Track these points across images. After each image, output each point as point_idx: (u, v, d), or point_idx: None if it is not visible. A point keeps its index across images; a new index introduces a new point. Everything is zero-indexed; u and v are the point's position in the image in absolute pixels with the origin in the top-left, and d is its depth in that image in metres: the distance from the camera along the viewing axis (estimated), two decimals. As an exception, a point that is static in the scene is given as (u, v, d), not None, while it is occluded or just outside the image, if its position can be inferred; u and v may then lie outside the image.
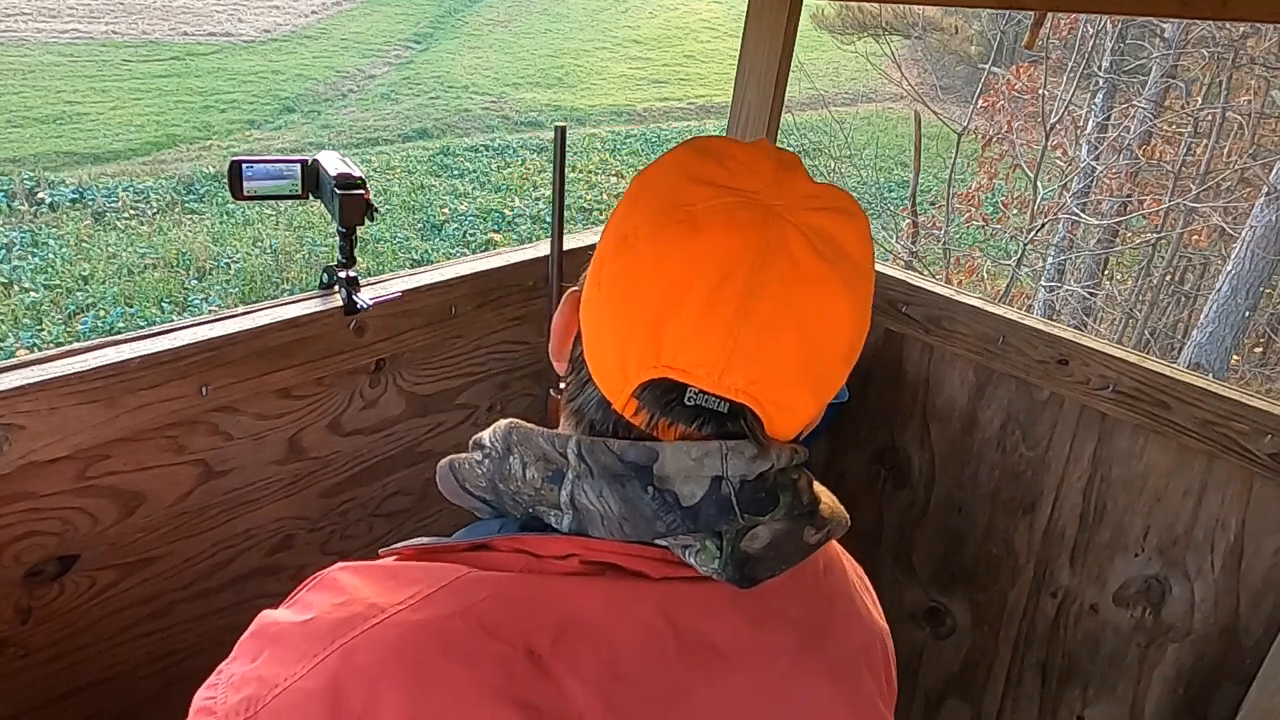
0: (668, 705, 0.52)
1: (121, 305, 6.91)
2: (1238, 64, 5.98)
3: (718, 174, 0.54)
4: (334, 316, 1.14)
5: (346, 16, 15.14)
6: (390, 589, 0.52)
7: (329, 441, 1.22)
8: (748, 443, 0.53)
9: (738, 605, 0.56)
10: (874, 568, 1.66)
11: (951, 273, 7.07)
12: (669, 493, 0.52)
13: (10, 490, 0.93)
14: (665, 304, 0.51)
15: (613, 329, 0.53)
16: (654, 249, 0.52)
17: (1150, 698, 1.32)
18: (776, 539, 0.54)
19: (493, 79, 13.40)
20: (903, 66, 8.94)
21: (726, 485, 0.52)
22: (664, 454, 0.52)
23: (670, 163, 0.57)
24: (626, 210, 0.56)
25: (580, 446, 0.53)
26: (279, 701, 0.48)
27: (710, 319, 0.50)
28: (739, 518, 0.52)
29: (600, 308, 0.55)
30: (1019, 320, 1.34)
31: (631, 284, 0.52)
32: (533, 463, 0.55)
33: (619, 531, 0.53)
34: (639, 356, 0.52)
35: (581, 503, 0.53)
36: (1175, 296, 7.31)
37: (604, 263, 0.55)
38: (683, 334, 0.51)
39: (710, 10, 17.66)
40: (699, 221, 0.51)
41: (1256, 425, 1.13)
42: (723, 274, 0.50)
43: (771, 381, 0.52)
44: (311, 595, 0.54)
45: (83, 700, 1.07)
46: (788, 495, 0.55)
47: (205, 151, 9.80)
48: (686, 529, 0.52)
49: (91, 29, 12.36)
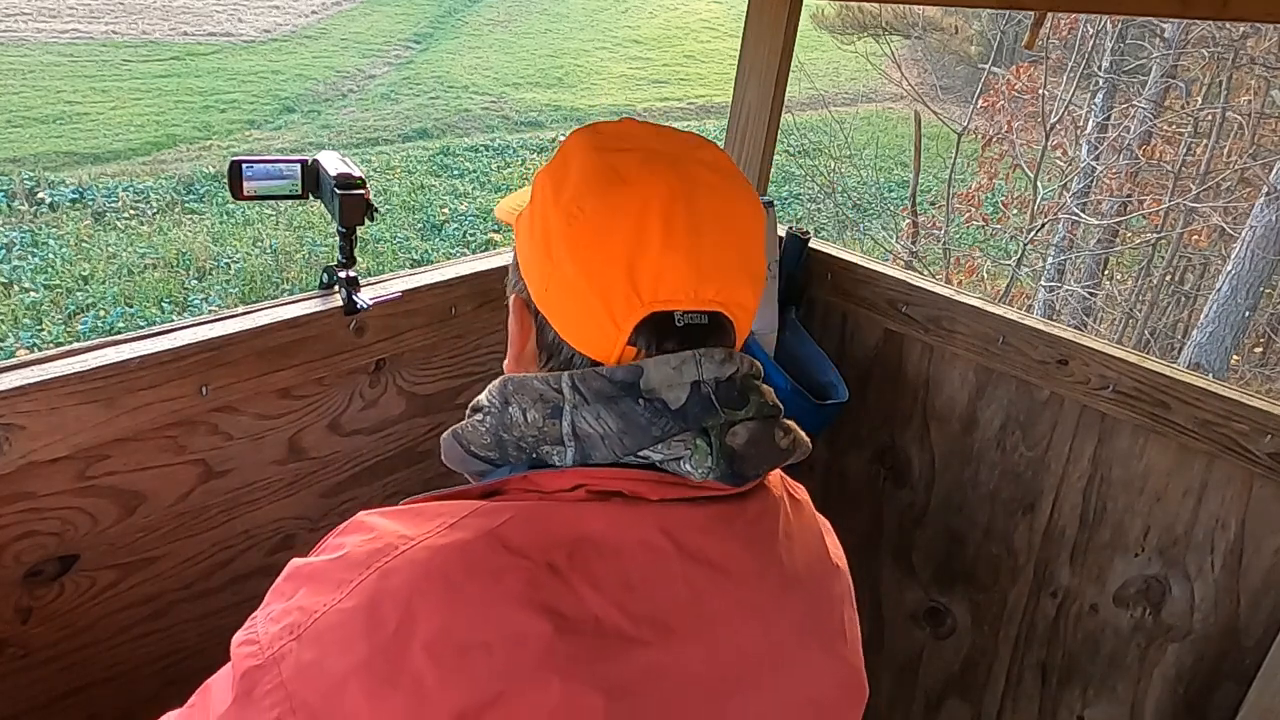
0: (675, 607, 0.57)
1: (121, 305, 6.90)
2: (1238, 64, 5.98)
3: (619, 142, 0.62)
4: (334, 316, 1.14)
5: (346, 16, 15.13)
6: (417, 523, 0.56)
7: (329, 441, 1.22)
8: (716, 349, 0.60)
9: (731, 527, 0.61)
10: (874, 568, 1.66)
11: (951, 273, 7.07)
12: (658, 400, 0.58)
13: (10, 490, 0.93)
14: (631, 249, 0.58)
15: (590, 291, 0.59)
16: (602, 206, 0.59)
17: (1150, 698, 1.32)
18: (754, 436, 0.61)
19: (493, 79, 13.40)
20: (903, 66, 8.94)
21: (705, 386, 0.59)
22: (648, 369, 0.58)
23: (574, 149, 0.63)
24: (553, 195, 0.61)
25: (573, 379, 0.59)
26: (320, 623, 0.52)
27: (673, 247, 0.58)
28: (720, 412, 0.59)
29: (568, 281, 0.59)
30: (1019, 320, 1.34)
31: (594, 244, 0.58)
32: (531, 405, 0.60)
33: (619, 446, 0.58)
34: (625, 305, 0.58)
35: (582, 429, 0.58)
36: (1175, 296, 7.31)
37: (552, 246, 0.60)
38: (656, 269, 0.58)
39: (710, 10, 17.65)
40: (628, 175, 0.59)
41: (1256, 425, 1.13)
42: (666, 207, 0.58)
43: (730, 284, 0.61)
44: (341, 538, 0.58)
45: (83, 700, 1.07)
46: (756, 396, 0.62)
47: (205, 151, 9.80)
48: (679, 428, 0.58)
49: (91, 29, 12.35)
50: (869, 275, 1.51)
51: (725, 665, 0.58)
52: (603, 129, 0.65)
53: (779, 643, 0.62)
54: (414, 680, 0.50)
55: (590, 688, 0.52)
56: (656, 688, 0.55)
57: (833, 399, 1.46)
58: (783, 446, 0.63)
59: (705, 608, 0.58)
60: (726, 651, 0.59)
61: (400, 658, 0.50)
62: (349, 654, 0.51)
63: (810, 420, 1.48)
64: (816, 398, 1.45)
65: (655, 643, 0.55)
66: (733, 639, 0.59)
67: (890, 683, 1.70)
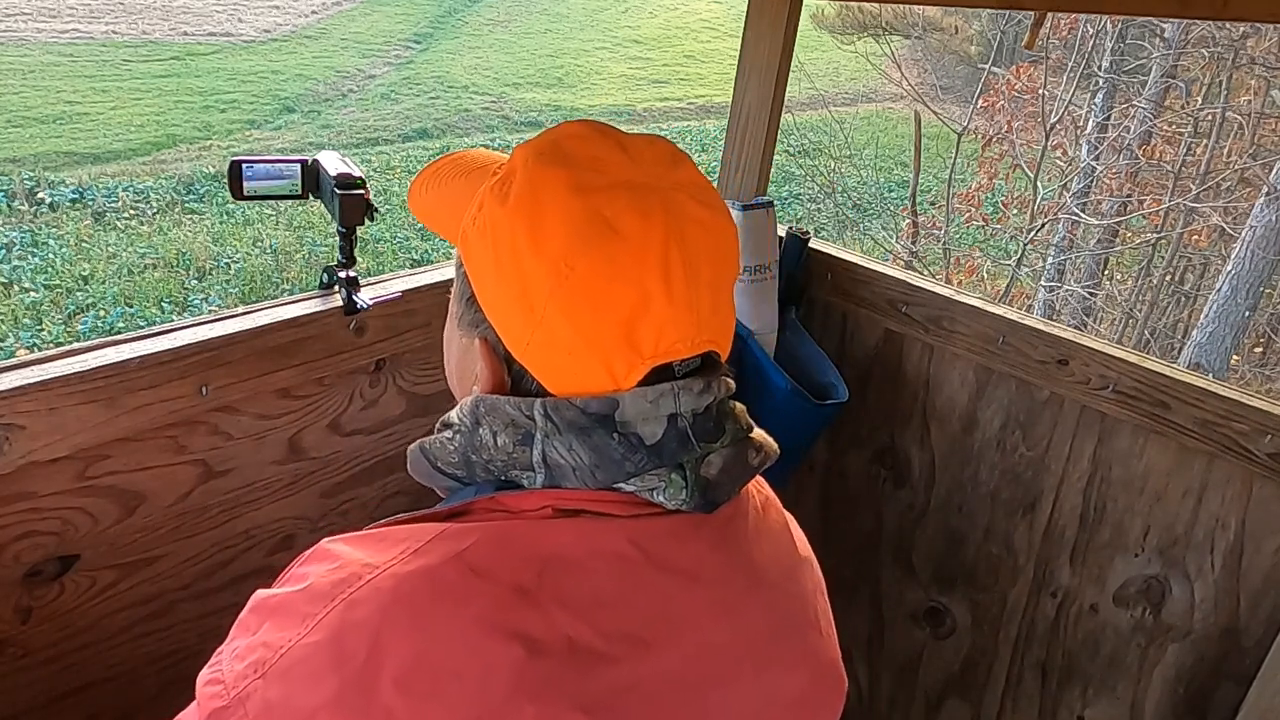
0: (647, 620, 0.56)
1: (121, 305, 6.91)
2: (1238, 64, 5.98)
3: (595, 178, 0.57)
4: (334, 316, 1.14)
5: (346, 16, 15.13)
6: (381, 549, 0.55)
7: (329, 441, 1.22)
8: (694, 379, 0.59)
9: (699, 531, 0.61)
10: (874, 568, 1.66)
11: (951, 273, 7.07)
12: (633, 435, 0.56)
13: (10, 490, 0.93)
14: (633, 310, 0.55)
15: (588, 353, 0.56)
16: (597, 265, 0.55)
17: (1150, 698, 1.32)
18: (728, 463, 0.60)
19: (493, 79, 13.40)
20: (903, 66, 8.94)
21: (681, 420, 0.57)
22: (623, 401, 0.56)
23: (544, 185, 0.57)
24: (531, 243, 0.56)
25: (545, 406, 0.57)
26: (286, 659, 0.51)
27: (675, 301, 0.56)
28: (696, 447, 0.58)
29: (560, 341, 0.56)
30: (1019, 320, 1.34)
31: (591, 307, 0.55)
32: (502, 429, 0.59)
33: (591, 479, 0.57)
34: (625, 364, 0.56)
35: (553, 459, 0.57)
36: (1175, 296, 7.31)
37: (533, 296, 0.56)
38: (658, 325, 0.56)
39: (710, 10, 17.65)
40: (621, 225, 0.55)
41: (1256, 425, 1.13)
42: (663, 259, 0.55)
43: (724, 323, 0.61)
44: (305, 568, 0.57)
45: (83, 700, 1.06)
46: (730, 422, 0.61)
47: (205, 151, 9.80)
48: (653, 465, 0.57)
49: (91, 29, 12.35)
50: (869, 275, 1.51)
51: (700, 664, 0.58)
52: (563, 146, 0.59)
53: (752, 639, 0.62)
54: (385, 713, 0.49)
55: (566, 710, 0.51)
56: (634, 701, 0.54)
57: (833, 399, 1.46)
58: (754, 464, 0.62)
59: (676, 614, 0.58)
60: (700, 651, 0.58)
61: (370, 691, 0.49)
62: (317, 690, 0.50)
63: (810, 420, 1.48)
64: (816, 398, 1.45)
65: (629, 658, 0.54)
66: (705, 639, 0.59)
67: (890, 683, 1.70)
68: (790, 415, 1.46)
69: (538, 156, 0.59)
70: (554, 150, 0.59)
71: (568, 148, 0.59)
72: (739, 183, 1.60)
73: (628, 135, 0.62)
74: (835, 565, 1.72)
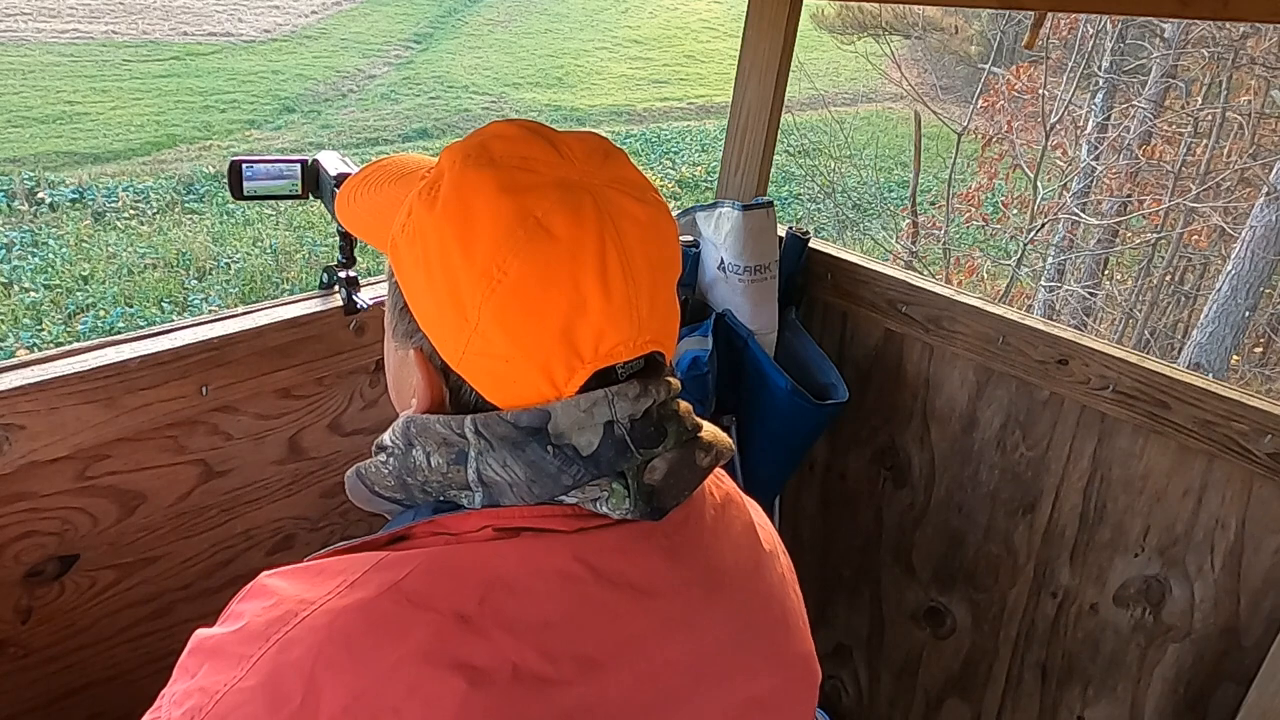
0: (598, 640, 0.54)
1: (121, 305, 6.91)
2: (1238, 64, 5.98)
3: (524, 177, 0.55)
4: (334, 316, 1.14)
5: (346, 16, 15.13)
6: (317, 583, 0.53)
7: (329, 441, 1.22)
8: (629, 385, 0.56)
9: (650, 542, 0.58)
10: (874, 568, 1.66)
11: (951, 273, 7.07)
12: (568, 446, 0.54)
13: (10, 490, 0.93)
14: (568, 313, 0.53)
15: (525, 360, 0.54)
16: (529, 269, 0.52)
17: (1150, 698, 1.32)
18: (673, 467, 0.57)
19: (493, 79, 13.39)
20: (903, 66, 8.95)
21: (619, 428, 0.55)
22: (555, 413, 0.54)
23: (471, 187, 0.55)
24: (460, 248, 0.54)
25: (476, 423, 0.55)
26: (222, 704, 0.50)
27: (613, 303, 0.54)
28: (635, 454, 0.55)
29: (495, 349, 0.54)
30: (1019, 320, 1.34)
31: (526, 312, 0.53)
32: (435, 450, 0.57)
33: (529, 494, 0.55)
34: (565, 369, 0.54)
35: (489, 476, 0.55)
36: (1175, 296, 7.30)
37: (467, 309, 0.54)
38: (596, 328, 0.54)
39: (710, 10, 17.65)
40: (552, 226, 0.53)
41: (1256, 425, 1.13)
42: (599, 259, 0.53)
43: (665, 323, 0.59)
44: (242, 605, 0.55)
45: (83, 700, 1.07)
46: (673, 425, 0.58)
47: (205, 151, 9.80)
48: (591, 476, 0.55)
49: (91, 29, 12.35)
50: (869, 275, 1.51)
51: (656, 683, 0.56)
52: (491, 147, 0.57)
53: (712, 651, 0.60)
54: None
55: None
56: None
57: (833, 399, 1.46)
58: (704, 466, 0.60)
59: (627, 632, 0.56)
60: (656, 669, 0.56)
61: None
62: None
63: (810, 420, 1.48)
64: (816, 398, 1.45)
65: (579, 681, 0.52)
66: (661, 656, 0.57)
67: (890, 683, 1.70)
68: (790, 415, 1.46)
69: (465, 158, 0.56)
70: (481, 151, 0.57)
71: (496, 148, 0.57)
72: (739, 183, 1.60)
73: (560, 132, 0.59)
74: (835, 565, 1.72)
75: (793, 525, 1.77)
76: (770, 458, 1.54)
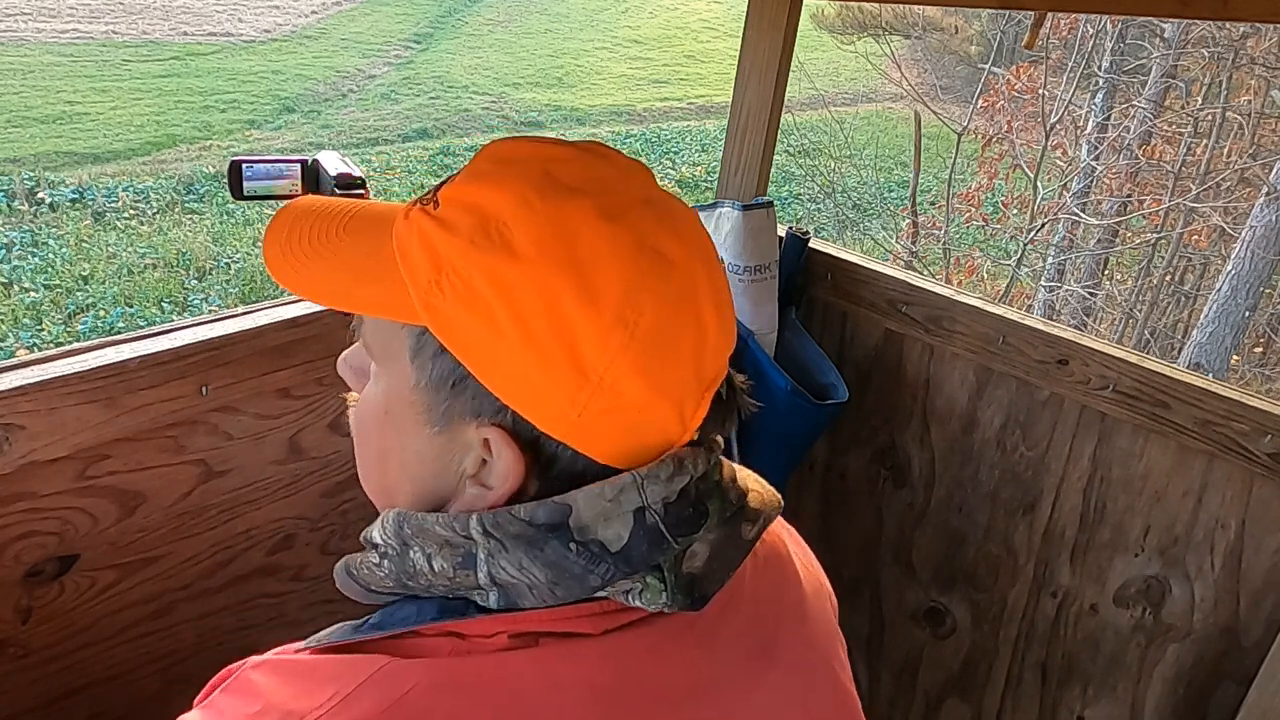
0: None
1: (121, 305, 6.91)
2: (1238, 64, 5.98)
3: (609, 200, 0.48)
4: (334, 316, 1.14)
5: (346, 16, 15.13)
6: (306, 690, 0.47)
7: (329, 441, 1.22)
8: (661, 465, 0.49)
9: (691, 633, 0.52)
10: (874, 568, 1.66)
11: (951, 273, 7.07)
12: (593, 542, 0.47)
13: (10, 490, 0.93)
14: (697, 340, 0.49)
15: (665, 401, 0.48)
16: (663, 304, 0.47)
17: (1150, 698, 1.32)
18: (716, 549, 0.51)
19: (493, 79, 13.40)
20: (903, 66, 8.95)
21: (650, 514, 0.48)
22: (577, 504, 0.47)
23: (577, 221, 0.47)
24: (585, 298, 0.46)
25: (484, 523, 0.48)
26: None
27: (725, 319, 0.51)
28: (673, 544, 0.48)
29: (634, 399, 0.47)
30: (1019, 320, 1.34)
31: (666, 353, 0.47)
32: (436, 552, 0.50)
33: (552, 597, 0.48)
34: (694, 400, 0.50)
35: (503, 579, 0.48)
36: (1175, 296, 7.31)
37: (596, 362, 0.46)
38: (715, 349, 0.50)
39: (710, 10, 17.65)
40: (663, 249, 0.48)
41: (1256, 425, 1.13)
42: (707, 279, 0.50)
43: None
44: (225, 700, 0.49)
45: (83, 700, 1.06)
46: (716, 501, 0.51)
47: (205, 151, 9.80)
48: (622, 574, 0.48)
49: (91, 29, 12.35)
50: (869, 275, 1.51)
51: None
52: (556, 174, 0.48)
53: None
54: None
55: None
56: None
57: (833, 399, 1.46)
58: (750, 539, 0.54)
59: None
60: None
61: None
62: None
63: (810, 420, 1.48)
64: (816, 398, 1.45)
65: None
66: None
67: (890, 683, 1.70)
68: (790, 415, 1.46)
69: (538, 191, 0.47)
70: (551, 180, 0.48)
71: (564, 174, 0.48)
72: (739, 183, 1.60)
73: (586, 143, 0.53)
74: (835, 565, 1.72)
75: (793, 525, 1.76)
76: (770, 458, 1.54)
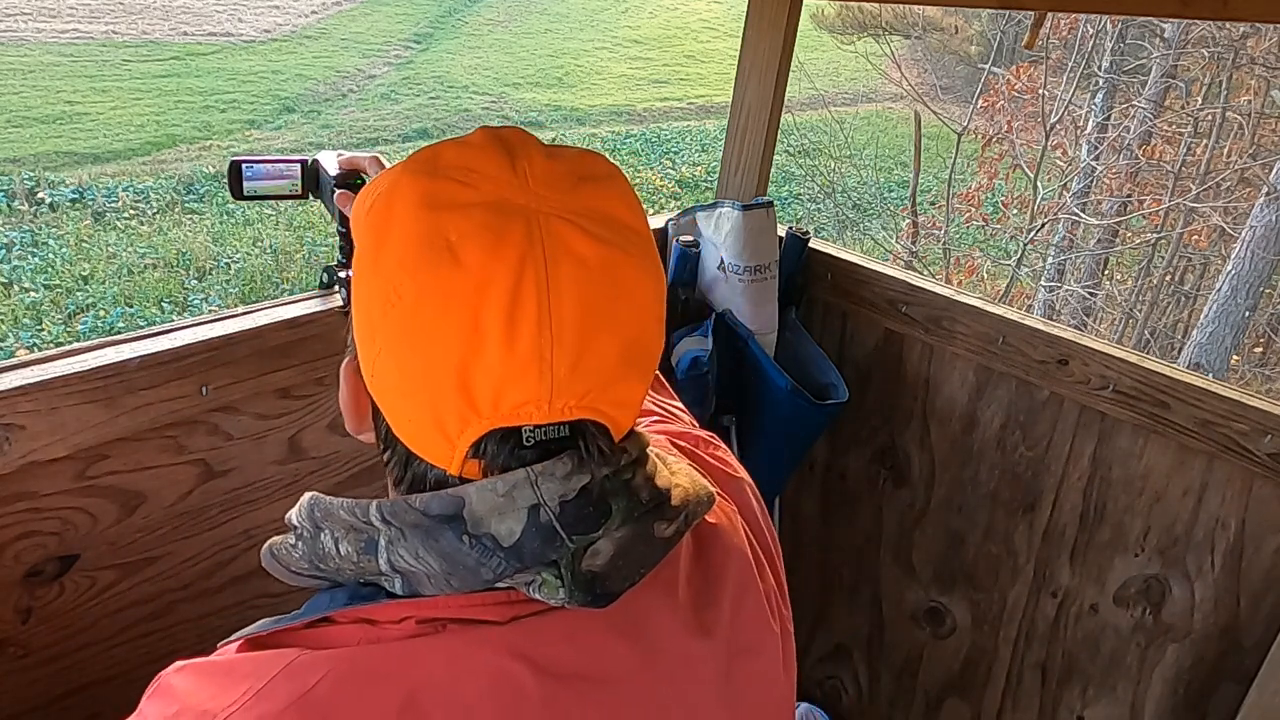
0: None
1: (121, 305, 6.91)
2: (1238, 64, 5.98)
3: (457, 193, 0.48)
4: (334, 316, 1.14)
5: (346, 16, 15.13)
6: (222, 688, 0.47)
7: (329, 441, 1.22)
8: (558, 461, 0.48)
9: (602, 621, 0.52)
10: (874, 568, 1.66)
11: (951, 273, 7.07)
12: (485, 536, 0.47)
13: (10, 490, 0.93)
14: (463, 352, 0.46)
15: (415, 398, 0.48)
16: (424, 296, 0.46)
17: (1150, 698, 1.32)
18: (622, 546, 0.50)
19: (493, 79, 13.40)
20: (903, 66, 8.95)
21: (545, 512, 0.47)
22: (470, 497, 0.47)
23: (402, 196, 0.49)
24: (372, 264, 0.49)
25: (383, 510, 0.49)
26: None
27: (516, 351, 0.45)
28: (567, 541, 0.48)
29: (391, 380, 0.49)
30: (1019, 320, 1.34)
31: (417, 343, 0.47)
32: (343, 537, 0.51)
33: (448, 586, 0.49)
34: (457, 417, 0.47)
35: (402, 566, 0.49)
36: (1175, 296, 7.31)
37: (375, 329, 0.49)
38: (496, 378, 0.46)
39: (710, 10, 17.64)
40: (462, 251, 0.46)
41: (1256, 425, 1.13)
42: (509, 299, 0.45)
43: (602, 386, 0.49)
44: (148, 706, 0.50)
45: (83, 700, 1.06)
46: (621, 500, 0.50)
47: (205, 151, 9.80)
48: (514, 569, 0.48)
49: (91, 29, 12.35)
50: (869, 275, 1.51)
51: None
52: (444, 156, 0.51)
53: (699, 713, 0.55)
54: None
55: None
56: None
57: (833, 399, 1.46)
58: (668, 536, 0.52)
59: None
60: None
61: None
62: None
63: (810, 420, 1.48)
64: (817, 398, 1.45)
65: None
66: None
67: (890, 683, 1.70)
68: (790, 415, 1.46)
69: (411, 163, 0.51)
70: (429, 159, 0.51)
71: (445, 157, 0.50)
72: (739, 183, 1.60)
73: (538, 148, 0.52)
74: (835, 565, 1.72)
75: (793, 525, 1.77)
76: (770, 458, 1.54)
